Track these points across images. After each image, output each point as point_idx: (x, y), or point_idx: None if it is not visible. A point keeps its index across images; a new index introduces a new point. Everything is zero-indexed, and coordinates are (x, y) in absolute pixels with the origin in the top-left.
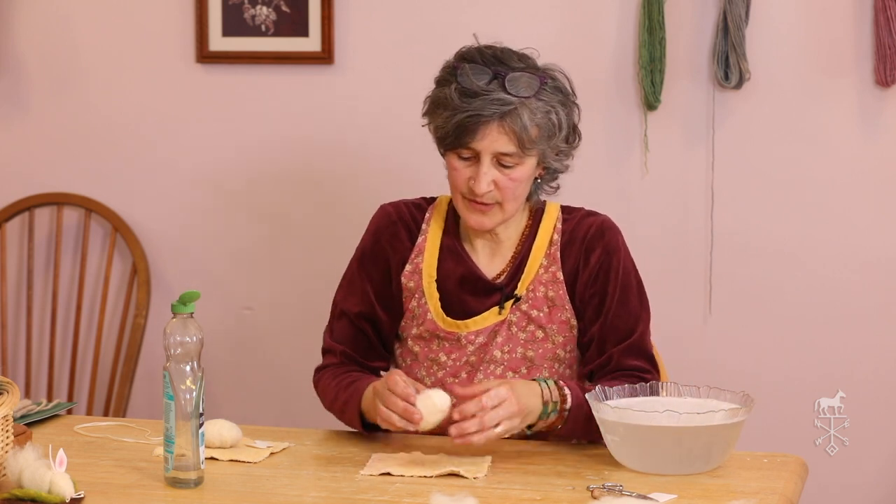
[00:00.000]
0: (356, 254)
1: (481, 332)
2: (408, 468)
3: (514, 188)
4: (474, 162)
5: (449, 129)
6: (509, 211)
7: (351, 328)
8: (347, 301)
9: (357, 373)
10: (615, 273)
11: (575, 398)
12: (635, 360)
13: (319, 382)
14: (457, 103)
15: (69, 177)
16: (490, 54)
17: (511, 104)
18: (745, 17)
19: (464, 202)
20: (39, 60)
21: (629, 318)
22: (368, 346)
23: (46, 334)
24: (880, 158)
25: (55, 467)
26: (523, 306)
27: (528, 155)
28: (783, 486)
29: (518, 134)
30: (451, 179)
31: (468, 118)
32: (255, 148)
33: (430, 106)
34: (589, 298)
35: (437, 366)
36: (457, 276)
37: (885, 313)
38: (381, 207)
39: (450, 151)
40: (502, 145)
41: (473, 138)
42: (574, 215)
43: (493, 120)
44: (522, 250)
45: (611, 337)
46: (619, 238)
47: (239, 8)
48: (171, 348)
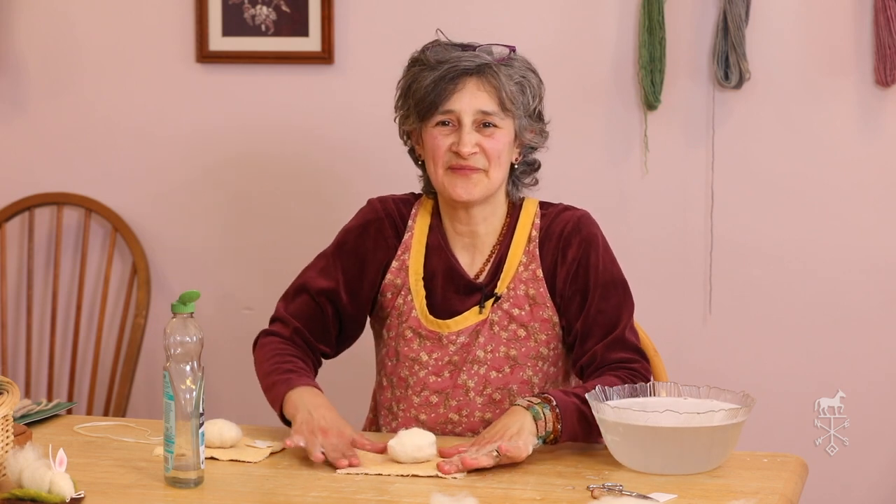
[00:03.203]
0: (335, 241)
1: (463, 332)
2: (384, 467)
3: (498, 151)
4: (455, 128)
5: (428, 90)
6: (494, 178)
7: (311, 305)
8: (314, 281)
9: (299, 360)
10: (594, 269)
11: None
12: (622, 353)
13: (261, 348)
14: (432, 66)
15: (69, 177)
16: (456, 42)
17: (486, 62)
18: (745, 16)
19: (447, 174)
20: (39, 60)
21: (611, 313)
22: (323, 328)
23: (46, 334)
24: (880, 158)
25: (55, 467)
26: (504, 305)
27: (507, 116)
28: (783, 486)
29: (497, 91)
30: (432, 153)
31: (447, 71)
32: (256, 148)
33: (402, 91)
34: (571, 296)
35: (419, 365)
36: (441, 273)
37: (886, 313)
38: (369, 202)
39: (428, 121)
40: (483, 102)
41: (450, 98)
42: (551, 210)
43: (472, 75)
44: (501, 248)
45: (594, 333)
46: (596, 232)
47: (239, 8)
48: (171, 348)
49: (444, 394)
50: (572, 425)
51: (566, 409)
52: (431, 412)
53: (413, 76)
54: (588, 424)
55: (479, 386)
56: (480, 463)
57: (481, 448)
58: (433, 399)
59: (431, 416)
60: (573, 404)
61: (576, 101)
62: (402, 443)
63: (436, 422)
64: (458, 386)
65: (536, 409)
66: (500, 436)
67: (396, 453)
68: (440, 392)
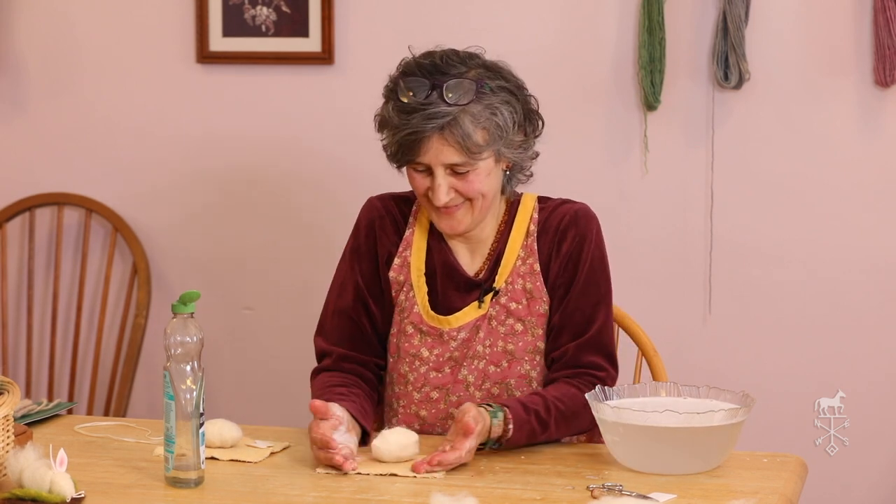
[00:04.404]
0: (346, 251)
1: (463, 328)
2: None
3: (476, 190)
4: (430, 173)
5: (395, 149)
6: (479, 209)
7: (346, 324)
8: (342, 299)
9: (342, 387)
10: (583, 264)
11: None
12: (592, 357)
13: (313, 389)
14: (396, 122)
15: (69, 177)
16: (428, 64)
17: (449, 115)
18: (744, 17)
19: (431, 208)
20: (39, 60)
21: (589, 309)
22: (364, 341)
23: (47, 334)
24: (879, 158)
25: (56, 467)
26: (502, 299)
27: (478, 159)
28: (783, 485)
29: (462, 143)
30: (413, 188)
31: (408, 136)
32: (256, 148)
33: (379, 124)
34: (557, 287)
35: (420, 361)
36: (441, 270)
37: (886, 313)
38: (369, 201)
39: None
40: (448, 156)
41: (419, 153)
42: (549, 205)
43: (434, 133)
44: (499, 245)
45: (567, 329)
46: (592, 226)
47: (239, 8)
48: (171, 348)
49: (444, 389)
50: (518, 438)
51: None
52: (432, 408)
53: (385, 118)
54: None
55: (478, 381)
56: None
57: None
58: (434, 395)
59: (432, 411)
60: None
61: (576, 101)
62: (387, 441)
63: (436, 417)
64: (459, 381)
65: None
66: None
67: (381, 453)
68: (441, 388)
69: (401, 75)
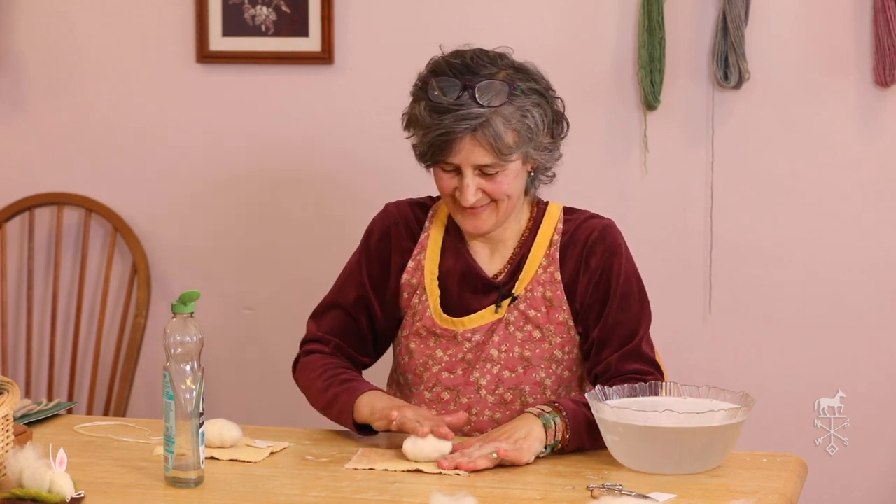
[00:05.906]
0: (357, 252)
1: (478, 330)
2: (392, 462)
3: (503, 191)
4: (458, 173)
5: (425, 148)
6: (503, 210)
7: (344, 319)
8: (344, 294)
9: (351, 370)
10: (616, 278)
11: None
12: (636, 364)
13: (305, 368)
14: (428, 122)
15: (69, 177)
16: (459, 64)
17: (482, 116)
18: (744, 17)
19: (456, 209)
20: (39, 60)
21: (629, 323)
22: (359, 339)
23: (47, 334)
24: (879, 158)
25: (55, 467)
26: (521, 306)
27: (508, 161)
28: (783, 485)
29: (493, 144)
30: (439, 188)
31: (440, 136)
32: (256, 148)
33: (407, 123)
34: (591, 304)
35: (433, 361)
36: (458, 273)
37: (886, 313)
38: (385, 206)
39: (431, 165)
40: (479, 157)
41: (449, 154)
42: (576, 217)
43: (466, 134)
44: (522, 250)
45: (610, 342)
46: (620, 242)
47: (239, 8)
48: (171, 348)
49: (455, 391)
50: (580, 435)
51: (576, 420)
52: (442, 409)
53: (415, 117)
54: (596, 434)
55: (491, 385)
56: (477, 466)
57: (484, 446)
58: (444, 395)
59: (441, 412)
60: (583, 415)
61: (576, 101)
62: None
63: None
64: (470, 384)
65: (547, 417)
66: (505, 437)
67: (411, 454)
68: (452, 389)
69: (431, 74)
